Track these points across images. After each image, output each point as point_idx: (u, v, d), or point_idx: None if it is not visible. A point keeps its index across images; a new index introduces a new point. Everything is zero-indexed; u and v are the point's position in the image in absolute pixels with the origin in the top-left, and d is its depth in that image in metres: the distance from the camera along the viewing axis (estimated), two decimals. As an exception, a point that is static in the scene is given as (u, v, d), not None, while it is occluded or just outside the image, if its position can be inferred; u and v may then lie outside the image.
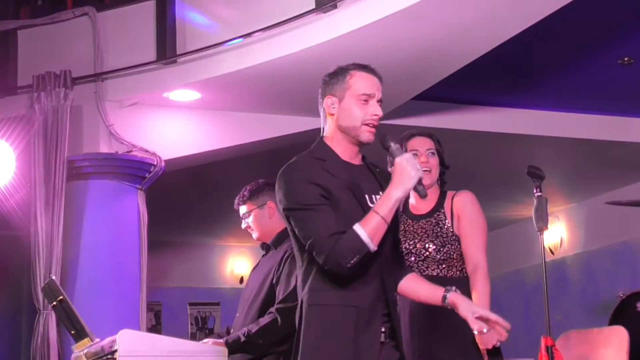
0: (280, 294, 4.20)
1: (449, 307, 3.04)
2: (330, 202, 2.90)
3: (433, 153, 4.01)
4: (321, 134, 3.11)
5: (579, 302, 10.16)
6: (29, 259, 6.21)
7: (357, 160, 3.09)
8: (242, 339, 4.13)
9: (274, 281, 4.27)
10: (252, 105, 6.74)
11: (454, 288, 3.07)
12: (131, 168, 6.54)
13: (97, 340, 3.94)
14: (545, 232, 3.96)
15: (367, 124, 3.01)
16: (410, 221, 3.95)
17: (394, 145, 3.02)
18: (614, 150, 8.37)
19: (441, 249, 3.85)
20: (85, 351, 3.96)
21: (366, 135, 3.02)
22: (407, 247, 3.88)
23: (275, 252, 4.35)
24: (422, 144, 4.00)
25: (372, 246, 2.84)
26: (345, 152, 3.06)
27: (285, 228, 4.33)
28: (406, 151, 3.97)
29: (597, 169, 9.00)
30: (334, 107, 3.05)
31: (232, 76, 6.17)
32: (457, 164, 4.47)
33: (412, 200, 4.01)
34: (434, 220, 3.93)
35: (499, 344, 3.66)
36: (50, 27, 6.72)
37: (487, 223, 3.98)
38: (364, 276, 2.91)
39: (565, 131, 7.95)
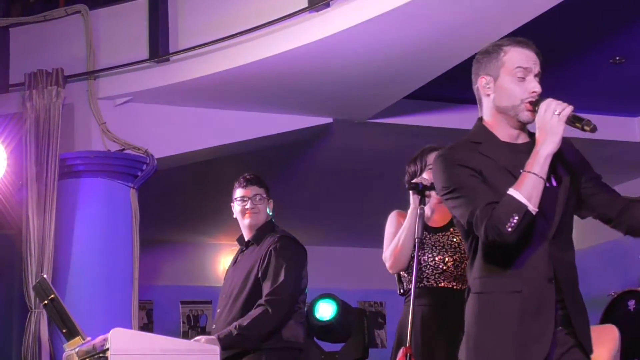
0: (268, 286, 4.24)
1: None
2: (484, 183, 2.76)
3: None
4: (479, 116, 2.93)
5: (570, 301, 10.14)
6: (20, 257, 6.20)
7: (521, 139, 2.87)
8: (234, 332, 4.14)
9: (259, 275, 4.30)
10: (244, 103, 6.73)
11: None
12: (123, 166, 6.53)
13: (89, 339, 3.94)
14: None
15: (527, 102, 2.81)
16: (426, 233, 3.95)
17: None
18: (605, 150, 8.38)
19: (459, 265, 3.88)
20: (76, 350, 3.96)
21: (526, 114, 2.81)
22: (425, 259, 3.90)
23: (257, 248, 4.43)
24: None
25: (531, 207, 2.66)
26: (505, 132, 2.86)
27: (265, 223, 4.49)
28: None
29: (588, 168, 8.98)
30: (489, 87, 2.86)
31: (225, 75, 6.17)
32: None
33: (428, 213, 4.00)
34: (449, 234, 3.96)
35: None
36: (42, 25, 6.70)
37: None
38: (530, 258, 2.72)
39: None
